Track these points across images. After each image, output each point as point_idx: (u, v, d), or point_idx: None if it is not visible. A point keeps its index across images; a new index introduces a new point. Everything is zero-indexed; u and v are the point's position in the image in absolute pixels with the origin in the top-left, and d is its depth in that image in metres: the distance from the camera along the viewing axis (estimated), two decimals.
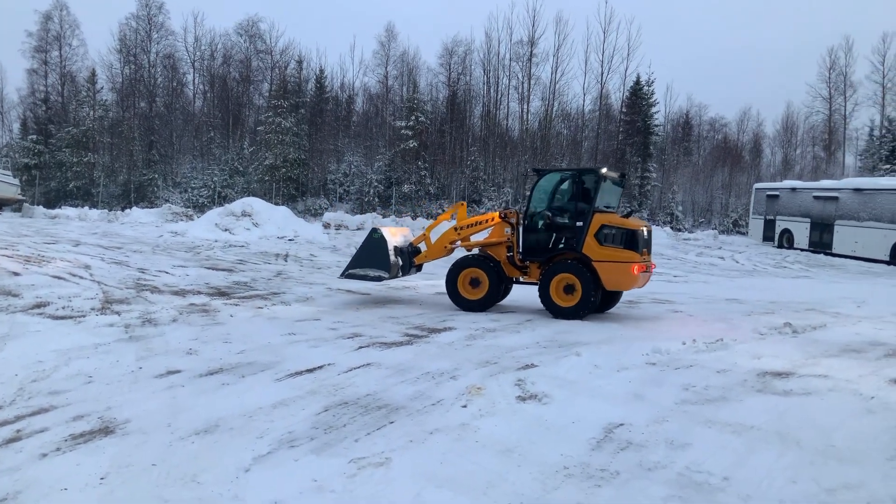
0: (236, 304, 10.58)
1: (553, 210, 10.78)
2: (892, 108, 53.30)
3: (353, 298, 11.67)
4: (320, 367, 6.93)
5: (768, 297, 9.34)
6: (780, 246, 27.34)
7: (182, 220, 29.68)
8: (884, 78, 54.15)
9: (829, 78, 56.63)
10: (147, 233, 24.00)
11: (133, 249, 18.30)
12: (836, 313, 11.35)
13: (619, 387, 6.52)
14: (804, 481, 4.42)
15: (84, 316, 9.11)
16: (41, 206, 34.30)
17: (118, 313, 9.44)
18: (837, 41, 69.98)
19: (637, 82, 46.79)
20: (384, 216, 36.69)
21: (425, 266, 12.59)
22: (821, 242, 25.28)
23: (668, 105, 57.69)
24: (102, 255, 16.28)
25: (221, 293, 11.67)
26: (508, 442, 5.01)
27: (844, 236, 24.08)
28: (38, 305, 9.62)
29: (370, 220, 32.55)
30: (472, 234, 11.54)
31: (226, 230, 23.20)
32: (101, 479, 4.25)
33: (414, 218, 36.66)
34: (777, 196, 28.47)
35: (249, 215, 24.17)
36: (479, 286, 10.95)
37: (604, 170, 10.49)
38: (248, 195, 34.97)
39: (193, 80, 53.52)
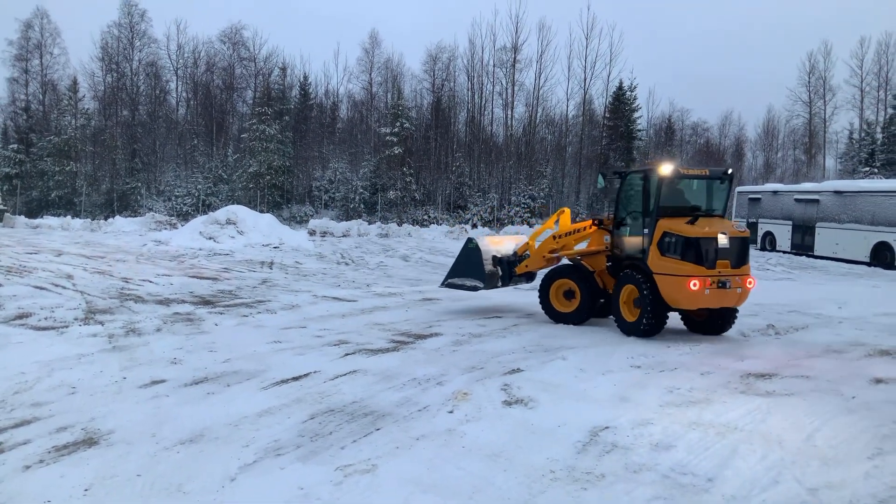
0: (221, 313, 10.53)
1: (632, 216, 9.76)
2: (870, 112, 54.08)
3: (339, 306, 11.65)
4: (306, 375, 6.91)
5: (751, 300, 9.40)
6: (763, 248, 27.60)
7: (166, 228, 29.50)
8: (862, 82, 54.92)
9: (809, 82, 57.32)
10: (130, 242, 23.84)
11: (116, 259, 18.16)
12: (817, 315, 11.49)
13: (604, 390, 6.56)
14: (787, 481, 4.47)
15: (67, 326, 9.03)
16: (22, 216, 33.94)
17: (101, 323, 9.37)
18: (817, 45, 70.87)
19: (620, 87, 47.14)
20: (370, 223, 36.65)
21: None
22: (802, 245, 25.54)
23: (650, 110, 58.13)
24: (85, 265, 16.15)
25: (206, 302, 11.61)
26: (495, 447, 5.03)
27: (826, 238, 24.35)
28: (21, 316, 9.53)
29: (356, 227, 32.50)
30: (573, 243, 10.56)
31: (210, 238, 23.06)
32: (86, 490, 4.22)
33: (399, 224, 36.66)
34: (759, 199, 28.77)
35: (234, 223, 24.05)
36: (573, 298, 10.22)
37: (665, 168, 9.08)
38: (233, 203, 34.81)
39: (177, 87, 53.24)
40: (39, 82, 48.64)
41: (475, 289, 11.03)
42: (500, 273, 11.21)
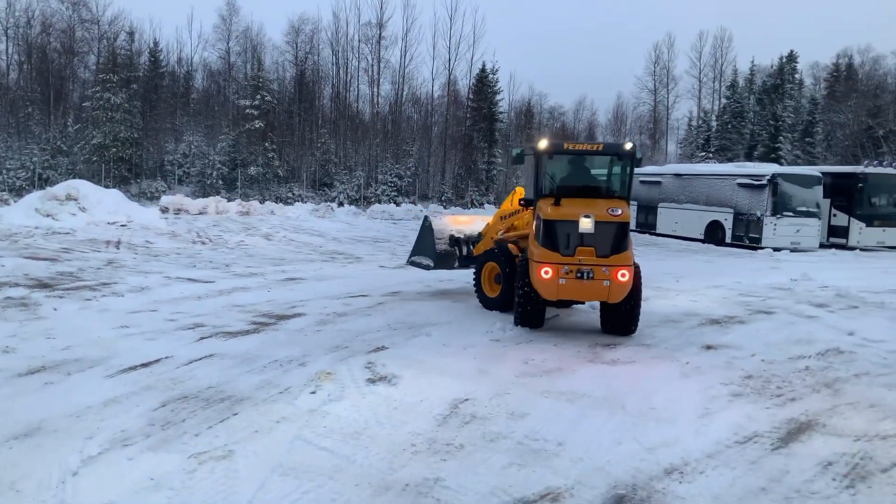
0: (61, 297, 9.73)
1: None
2: (707, 101, 58.94)
3: (194, 288, 11.12)
4: (157, 361, 6.56)
5: None
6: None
7: None
8: (700, 73, 59.70)
9: (655, 71, 61.51)
10: None
11: None
12: (657, 287, 12.43)
13: (465, 364, 6.76)
14: (628, 441, 4.85)
15: None
16: None
17: None
18: (661, 37, 76.04)
19: (483, 70, 48.08)
20: (229, 199, 35.12)
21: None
22: (646, 223, 27.47)
23: (511, 93, 60.05)
24: None
25: (43, 285, 10.68)
26: (357, 425, 5.05)
27: (666, 217, 26.36)
28: None
29: (213, 204, 31.05)
30: (520, 223, 9.75)
31: (48, 216, 21.14)
32: None
33: (262, 202, 35.45)
34: None
35: (75, 199, 22.18)
36: (500, 283, 9.42)
37: (542, 143, 8.42)
38: (74, 177, 31.99)
39: (7, 49, 47.94)
40: None
41: (428, 268, 10.90)
42: (458, 254, 10.93)
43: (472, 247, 10.84)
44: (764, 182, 22.16)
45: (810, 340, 8.25)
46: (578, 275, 7.62)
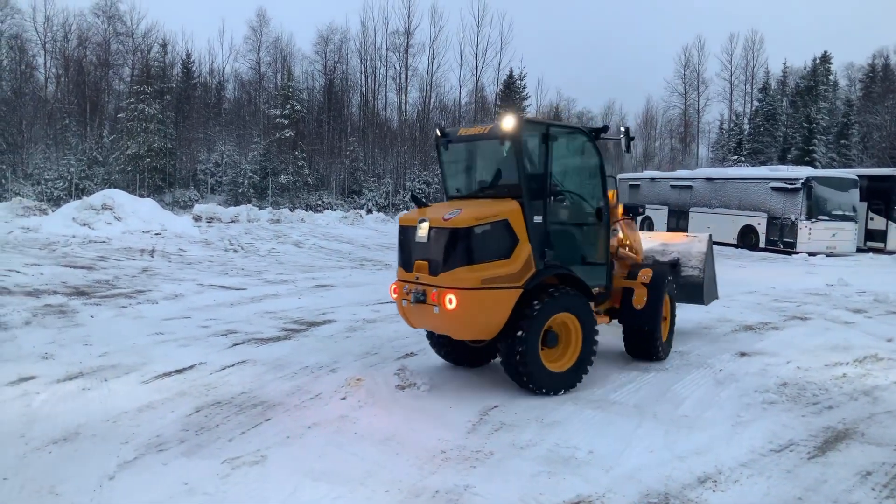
0: (97, 304, 9.94)
1: None
2: (738, 104, 58.13)
3: (227, 295, 11.28)
4: (191, 367, 6.67)
5: None
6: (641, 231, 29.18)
7: (35, 214, 27.35)
8: (731, 76, 58.92)
9: (685, 74, 60.85)
10: None
11: None
12: None
13: (494, 371, 6.74)
14: (659, 449, 4.79)
15: None
16: None
17: None
18: (691, 40, 75.20)
19: (510, 76, 48.18)
20: (260, 208, 35.58)
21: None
22: (677, 228, 27.15)
23: (539, 98, 59.79)
24: None
25: (81, 292, 10.93)
26: (387, 431, 5.07)
27: (698, 222, 26.02)
28: None
29: (245, 212, 31.49)
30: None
31: (85, 225, 21.64)
32: None
33: (292, 210, 35.83)
34: (638, 186, 30.33)
35: (111, 208, 22.67)
36: None
37: (441, 129, 6.89)
38: (110, 187, 32.76)
39: (45, 62, 49.29)
40: None
41: None
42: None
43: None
44: (798, 185, 21.79)
45: (847, 347, 8.07)
46: (413, 297, 5.94)
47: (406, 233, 6.19)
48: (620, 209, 7.25)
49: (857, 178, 22.43)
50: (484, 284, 5.60)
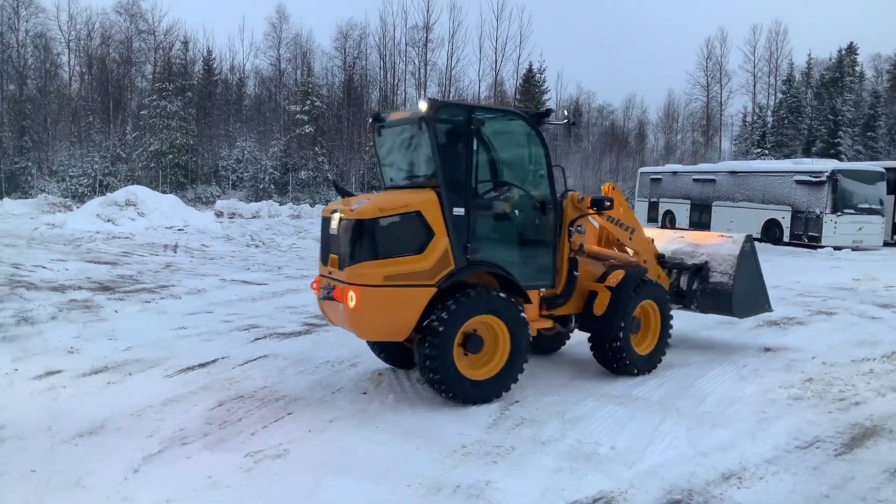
0: (121, 299, 10.07)
1: None
2: (762, 96, 57.38)
3: (248, 290, 11.36)
4: (213, 361, 6.73)
5: None
6: (664, 226, 28.88)
7: (60, 210, 27.80)
8: (754, 68, 58.14)
9: (707, 67, 60.15)
10: (21, 225, 22.37)
11: (5, 243, 17.00)
12: None
13: None
14: (682, 445, 4.74)
15: None
16: None
17: None
18: (714, 32, 74.30)
19: (529, 70, 47.98)
20: (281, 204, 35.81)
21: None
22: (700, 222, 26.86)
23: (559, 92, 59.47)
24: None
25: (105, 288, 11.07)
26: (408, 425, 5.08)
27: (721, 216, 25.74)
28: None
29: (266, 207, 31.74)
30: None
31: (108, 221, 21.94)
32: None
33: (312, 205, 36.02)
34: (660, 179, 30.04)
35: (134, 204, 22.95)
36: None
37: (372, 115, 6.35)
38: (133, 183, 33.13)
39: (69, 61, 49.93)
40: None
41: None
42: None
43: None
44: (823, 179, 21.46)
45: (874, 342, 7.94)
46: (322, 293, 5.74)
47: (324, 224, 5.86)
48: (587, 202, 6.40)
49: (883, 170, 22.02)
50: (388, 281, 5.15)
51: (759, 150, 46.98)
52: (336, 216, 5.59)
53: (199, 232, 21.87)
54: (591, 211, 6.45)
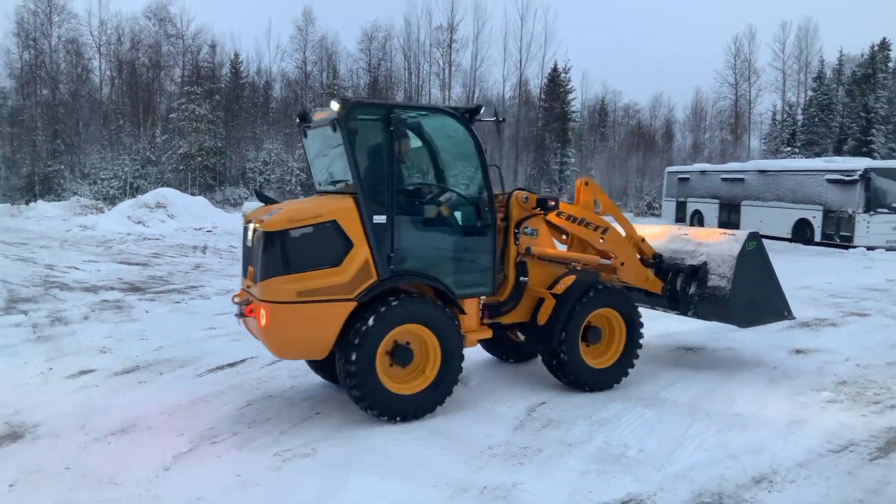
0: (152, 300, 10.23)
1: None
2: (791, 94, 56.45)
3: None
4: (242, 361, 6.80)
5: None
6: (692, 226, 28.57)
7: (92, 213, 28.30)
8: (784, 65, 57.20)
9: (735, 65, 59.27)
10: (54, 227, 22.82)
11: (39, 245, 17.37)
12: None
13: (541, 367, 6.67)
14: (712, 448, 4.68)
15: None
16: None
17: (25, 312, 8.99)
18: (742, 29, 73.29)
19: (554, 69, 47.65)
20: None
21: None
22: (729, 222, 26.49)
23: (584, 92, 59.05)
24: (6, 252, 15.39)
25: (136, 288, 11.25)
26: (434, 426, 5.08)
27: (750, 216, 25.34)
28: None
29: None
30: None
31: (139, 223, 22.30)
32: (11, 486, 4.07)
33: None
34: (688, 179, 29.69)
35: (164, 206, 23.31)
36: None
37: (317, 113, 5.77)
38: (162, 186, 33.62)
39: (100, 65, 50.78)
40: None
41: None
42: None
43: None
44: (855, 177, 21.01)
45: None
46: (237, 308, 5.41)
47: (244, 234, 5.46)
48: (532, 200, 5.95)
49: None
50: (302, 297, 4.77)
51: (790, 148, 46.18)
52: (251, 227, 5.25)
53: (227, 233, 22.14)
54: (537, 212, 6.00)
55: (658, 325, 8.74)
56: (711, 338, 7.93)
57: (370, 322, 4.91)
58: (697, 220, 28.64)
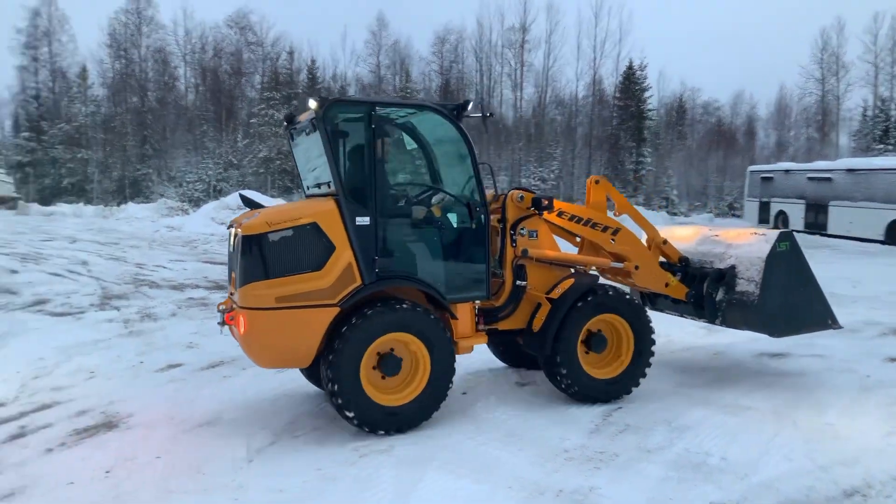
0: None
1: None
2: (884, 88, 53.35)
3: None
4: None
5: None
6: (776, 228, 27.43)
7: (178, 214, 29.65)
8: (876, 58, 54.11)
9: (822, 59, 56.53)
10: (143, 228, 23.99)
11: (130, 245, 18.28)
12: (831, 294, 11.38)
13: None
14: (799, 458, 4.48)
15: (83, 312, 9.14)
16: (36, 204, 34.17)
17: (117, 308, 9.47)
18: (829, 22, 69.89)
19: (630, 67, 46.67)
20: None
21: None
22: (816, 223, 25.30)
23: (661, 89, 57.50)
24: (99, 252, 16.27)
25: (220, 287, 11.70)
26: (509, 427, 5.07)
27: (839, 217, 24.13)
28: (38, 303, 9.64)
29: None
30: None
31: (222, 224, 23.16)
32: (107, 472, 4.30)
33: None
34: (771, 178, 28.51)
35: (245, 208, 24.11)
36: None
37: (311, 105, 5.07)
38: (244, 188, 34.85)
39: (185, 73, 53.14)
40: (49, 70, 48.69)
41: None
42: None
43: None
44: None
45: None
46: (220, 316, 5.25)
47: (229, 239, 5.32)
48: (528, 200, 5.63)
49: None
50: (281, 303, 4.62)
51: (882, 146, 43.67)
52: (232, 231, 5.11)
53: None
54: (532, 212, 5.66)
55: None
56: (797, 344, 7.58)
57: (352, 330, 4.72)
58: (782, 221, 27.52)
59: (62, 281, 11.52)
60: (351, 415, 4.78)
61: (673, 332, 8.04)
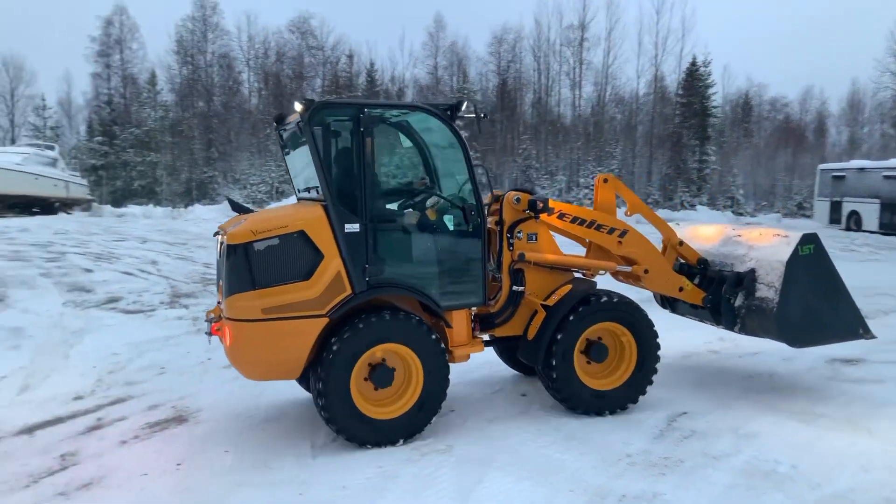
0: None
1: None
2: None
3: None
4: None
5: None
6: (848, 229, 26.29)
7: None
8: None
9: None
10: (210, 229, 24.63)
11: (197, 245, 18.85)
12: None
13: (682, 375, 6.44)
14: (877, 469, 4.30)
15: (154, 310, 9.48)
16: (108, 205, 35.63)
17: (186, 307, 9.79)
18: None
19: (693, 63, 45.52)
20: None
21: None
22: (892, 224, 24.19)
23: (725, 86, 55.90)
24: (168, 251, 16.84)
25: None
26: (569, 430, 5.03)
27: None
28: (111, 300, 10.04)
29: None
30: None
31: None
32: (178, 464, 4.46)
33: None
34: (843, 177, 27.38)
35: None
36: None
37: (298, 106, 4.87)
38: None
39: (248, 78, 54.59)
40: (120, 76, 50.70)
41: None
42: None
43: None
44: None
45: None
46: (206, 327, 5.17)
47: (216, 247, 5.16)
48: (525, 202, 5.39)
49: None
50: (268, 314, 4.46)
51: None
52: (218, 239, 4.97)
53: None
54: (529, 214, 5.43)
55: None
56: (873, 349, 7.26)
57: (344, 339, 4.58)
58: (854, 221, 26.42)
59: (134, 280, 11.98)
60: (336, 427, 4.64)
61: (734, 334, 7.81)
